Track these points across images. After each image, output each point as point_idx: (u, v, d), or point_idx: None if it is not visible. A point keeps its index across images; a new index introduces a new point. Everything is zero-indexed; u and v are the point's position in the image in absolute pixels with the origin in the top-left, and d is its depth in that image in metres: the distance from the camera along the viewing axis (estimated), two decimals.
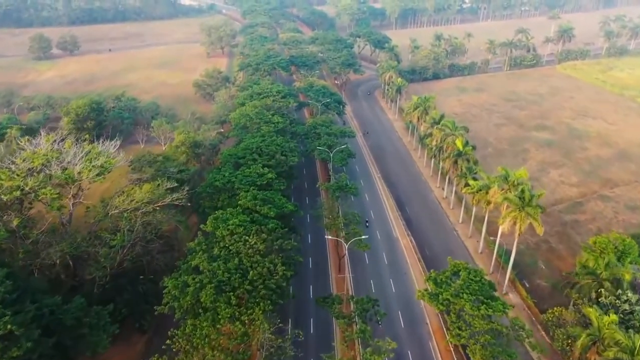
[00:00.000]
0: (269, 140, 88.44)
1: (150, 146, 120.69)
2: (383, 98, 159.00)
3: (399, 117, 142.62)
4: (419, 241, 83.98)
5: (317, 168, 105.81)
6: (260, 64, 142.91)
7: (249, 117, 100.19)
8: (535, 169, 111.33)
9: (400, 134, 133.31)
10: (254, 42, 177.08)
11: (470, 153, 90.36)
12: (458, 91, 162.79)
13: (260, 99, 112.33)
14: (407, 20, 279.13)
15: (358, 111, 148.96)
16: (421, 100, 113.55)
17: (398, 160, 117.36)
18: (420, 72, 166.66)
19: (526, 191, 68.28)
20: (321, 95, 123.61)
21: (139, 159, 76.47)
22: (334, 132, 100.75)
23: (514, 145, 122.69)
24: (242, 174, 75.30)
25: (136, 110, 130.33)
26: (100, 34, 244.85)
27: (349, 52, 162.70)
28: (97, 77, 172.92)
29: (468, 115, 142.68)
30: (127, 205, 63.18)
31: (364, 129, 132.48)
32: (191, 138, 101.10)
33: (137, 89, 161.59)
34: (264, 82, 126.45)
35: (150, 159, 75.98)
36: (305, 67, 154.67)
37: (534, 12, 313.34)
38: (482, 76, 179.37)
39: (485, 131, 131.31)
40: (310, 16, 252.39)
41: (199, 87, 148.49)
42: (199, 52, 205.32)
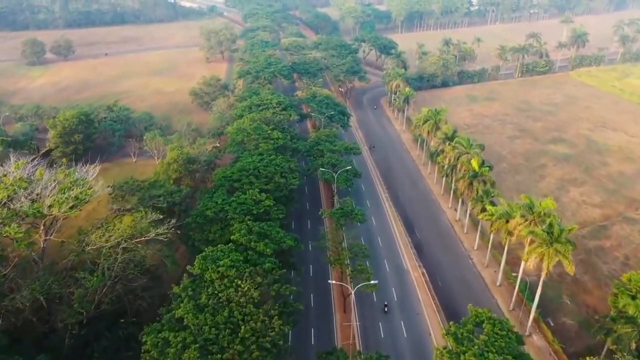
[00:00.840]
0: (268, 160, 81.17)
1: (143, 160, 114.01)
2: (389, 107, 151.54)
3: (406, 128, 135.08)
4: (431, 271, 76.54)
5: (320, 188, 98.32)
6: (261, 71, 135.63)
7: (247, 132, 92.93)
8: (553, 187, 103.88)
9: (408, 146, 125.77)
10: (254, 47, 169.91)
11: (487, 174, 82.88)
12: (468, 100, 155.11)
13: (260, 111, 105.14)
14: (413, 24, 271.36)
15: (363, 121, 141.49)
16: (431, 113, 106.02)
17: (406, 176, 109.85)
18: (429, 79, 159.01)
19: (555, 225, 60.69)
20: (324, 106, 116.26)
21: (121, 186, 69.04)
22: (338, 148, 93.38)
23: (530, 160, 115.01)
24: (236, 200, 68.00)
25: (129, 121, 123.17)
26: (97, 37, 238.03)
27: (353, 59, 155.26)
28: (91, 84, 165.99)
29: (480, 126, 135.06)
30: (104, 241, 55.88)
31: (370, 143, 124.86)
32: (184, 155, 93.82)
33: (132, 96, 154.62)
34: (264, 92, 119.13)
35: (134, 186, 68.56)
36: (307, 74, 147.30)
37: (543, 15, 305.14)
38: (493, 83, 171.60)
39: (498, 144, 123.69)
40: (314, 19, 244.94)
41: (196, 96, 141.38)
42: (198, 57, 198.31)
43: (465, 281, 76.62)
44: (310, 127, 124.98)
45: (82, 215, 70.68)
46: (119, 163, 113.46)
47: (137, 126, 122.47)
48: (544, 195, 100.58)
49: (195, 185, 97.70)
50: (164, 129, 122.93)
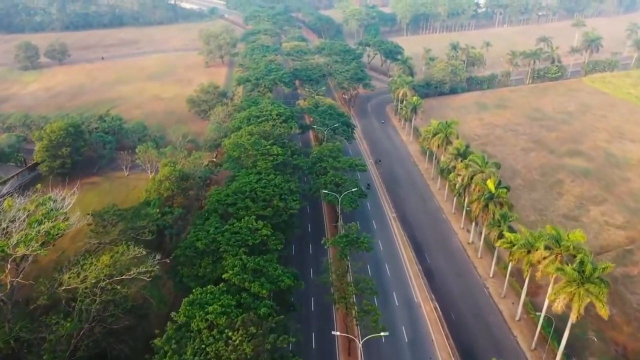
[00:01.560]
0: (266, 180, 74.81)
1: (135, 173, 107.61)
2: (395, 115, 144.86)
3: (414, 139, 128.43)
4: (443, 304, 69.91)
5: (323, 208, 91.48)
6: (260, 78, 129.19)
7: (244, 147, 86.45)
8: (572, 206, 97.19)
9: (416, 159, 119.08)
10: (254, 51, 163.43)
11: (504, 196, 76.18)
12: (478, 108, 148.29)
13: (258, 123, 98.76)
14: (419, 26, 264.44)
15: (368, 131, 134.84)
16: (441, 126, 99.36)
17: (415, 193, 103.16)
18: (436, 86, 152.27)
19: (587, 263, 53.99)
20: (327, 117, 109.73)
21: (102, 214, 62.47)
22: (342, 165, 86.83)
23: (545, 176, 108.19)
24: (230, 229, 61.58)
25: (122, 132, 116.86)
26: (95, 40, 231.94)
27: (357, 65, 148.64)
28: (85, 90, 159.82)
29: (491, 137, 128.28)
30: (79, 282, 49.47)
31: (376, 156, 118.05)
32: (177, 172, 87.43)
33: (127, 103, 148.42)
34: (264, 102, 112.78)
35: (116, 215, 62.01)
36: (310, 81, 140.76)
37: (552, 18, 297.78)
38: (503, 90, 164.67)
39: (511, 157, 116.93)
40: (317, 22, 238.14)
41: (193, 104, 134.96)
42: (197, 62, 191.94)
43: (481, 315, 69.97)
44: (313, 139, 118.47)
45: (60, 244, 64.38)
46: (109, 177, 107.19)
47: (129, 137, 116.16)
48: (562, 215, 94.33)
49: (188, 204, 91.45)
50: (158, 140, 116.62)
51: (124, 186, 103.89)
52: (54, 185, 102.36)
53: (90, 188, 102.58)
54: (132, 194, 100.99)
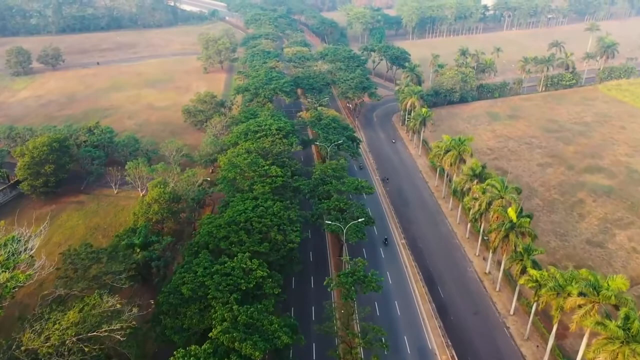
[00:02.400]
0: (263, 208, 67.53)
1: (125, 191, 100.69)
2: (402, 126, 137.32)
3: (422, 153, 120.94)
4: (461, 350, 62.43)
5: (327, 238, 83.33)
6: (260, 88, 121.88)
7: (240, 168, 79.16)
8: (596, 230, 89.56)
9: (425, 175, 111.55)
10: (255, 57, 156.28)
11: (527, 226, 68.76)
12: (489, 118, 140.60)
13: (257, 139, 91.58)
14: (425, 29, 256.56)
15: (374, 144, 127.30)
16: (455, 143, 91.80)
17: (425, 215, 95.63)
18: (446, 94, 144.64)
19: (634, 319, 46.47)
20: (331, 131, 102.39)
21: (73, 256, 55.06)
22: (347, 188, 79.34)
23: (565, 195, 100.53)
24: (221, 270, 54.30)
25: (112, 145, 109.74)
26: (90, 44, 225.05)
27: (362, 72, 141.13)
28: (77, 98, 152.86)
29: (505, 151, 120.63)
30: (42, 342, 42.28)
31: (382, 172, 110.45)
32: (167, 194, 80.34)
33: (120, 112, 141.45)
34: (263, 115, 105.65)
35: (88, 257, 54.59)
36: (312, 90, 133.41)
37: (562, 20, 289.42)
38: (515, 99, 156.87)
39: (527, 174, 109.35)
40: (320, 26, 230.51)
41: (188, 114, 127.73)
42: (195, 67, 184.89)
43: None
44: (316, 154, 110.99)
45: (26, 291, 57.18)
46: (97, 195, 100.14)
47: (120, 151, 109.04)
48: (586, 241, 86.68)
49: (179, 229, 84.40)
50: (150, 154, 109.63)
51: (112, 206, 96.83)
52: (37, 205, 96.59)
53: (76, 208, 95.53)
54: (120, 214, 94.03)
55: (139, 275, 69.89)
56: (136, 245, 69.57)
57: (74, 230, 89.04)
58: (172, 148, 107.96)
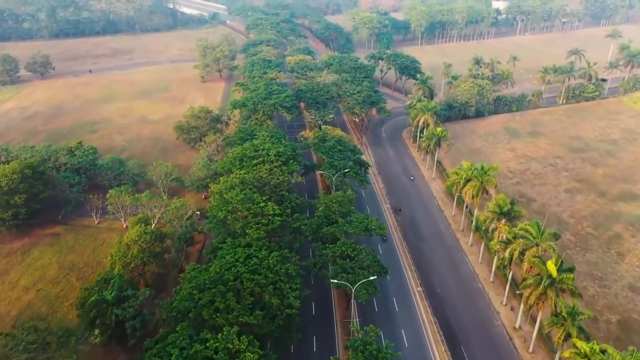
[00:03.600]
0: (257, 260, 57.01)
1: (107, 221, 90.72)
2: (413, 143, 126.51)
3: (437, 175, 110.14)
4: None
5: (332, 293, 72.06)
6: (259, 103, 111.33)
7: (232, 205, 68.63)
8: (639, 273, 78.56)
9: (441, 202, 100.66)
10: (255, 67, 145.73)
11: (570, 282, 57.97)
12: (508, 135, 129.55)
13: (253, 166, 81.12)
14: (435, 34, 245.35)
15: (383, 164, 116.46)
16: (477, 172, 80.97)
17: (442, 252, 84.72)
18: (460, 108, 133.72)
19: None
20: (337, 155, 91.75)
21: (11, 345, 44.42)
22: (356, 230, 68.65)
23: (599, 228, 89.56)
24: (201, 354, 43.79)
25: (95, 168, 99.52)
26: (84, 50, 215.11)
27: (370, 85, 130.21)
28: (65, 110, 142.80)
29: (528, 174, 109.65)
30: None
31: (393, 200, 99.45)
32: (149, 235, 69.97)
33: (109, 127, 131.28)
34: (261, 135, 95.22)
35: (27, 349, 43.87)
36: (316, 105, 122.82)
37: (577, 24, 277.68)
38: (535, 113, 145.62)
39: (554, 202, 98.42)
40: (325, 31, 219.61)
41: (181, 131, 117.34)
42: (192, 75, 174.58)
43: None
44: (320, 182, 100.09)
45: None
46: (76, 226, 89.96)
47: (103, 175, 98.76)
48: (629, 287, 75.69)
49: (163, 273, 73.95)
50: (136, 178, 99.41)
51: (91, 239, 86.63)
52: (6, 239, 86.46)
53: (51, 242, 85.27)
54: (99, 250, 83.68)
55: (112, 336, 59.78)
56: (108, 302, 59.35)
57: (45, 270, 78.85)
58: (161, 172, 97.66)
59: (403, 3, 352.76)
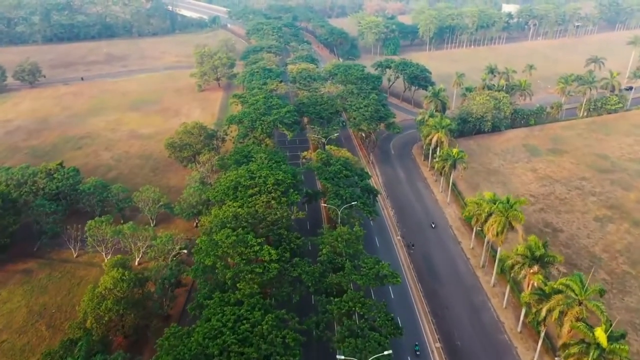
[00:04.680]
0: (248, 325, 47.56)
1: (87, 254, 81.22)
2: (425, 161, 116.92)
3: (452, 199, 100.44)
4: None
5: None
6: (257, 120, 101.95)
7: (222, 249, 59.22)
8: None
9: (457, 231, 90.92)
10: (254, 77, 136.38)
11: (624, 355, 48.21)
12: (528, 153, 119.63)
13: (248, 198, 71.79)
14: (443, 39, 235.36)
15: (392, 187, 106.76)
16: (502, 206, 71.21)
17: (460, 293, 74.88)
18: (475, 123, 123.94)
19: None
20: (342, 181, 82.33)
21: None
22: (366, 280, 59.02)
23: (637, 265, 79.78)
24: None
25: (76, 192, 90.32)
26: (78, 55, 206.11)
27: (378, 98, 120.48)
28: (50, 123, 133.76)
29: (552, 198, 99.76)
30: None
31: (405, 231, 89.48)
32: (126, 283, 60.67)
33: (96, 142, 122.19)
34: (259, 157, 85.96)
35: None
36: (320, 120, 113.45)
37: (591, 29, 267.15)
38: (555, 127, 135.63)
39: (584, 232, 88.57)
40: (329, 36, 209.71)
41: (173, 149, 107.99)
42: (189, 83, 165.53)
43: None
44: (324, 214, 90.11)
45: None
46: (52, 261, 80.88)
47: (85, 201, 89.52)
48: None
49: (144, 325, 64.46)
50: (121, 204, 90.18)
51: (67, 277, 77.48)
52: None
53: (22, 280, 76.07)
54: (76, 291, 74.45)
55: None
56: None
57: (13, 315, 69.71)
58: (148, 197, 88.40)
59: (410, 6, 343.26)
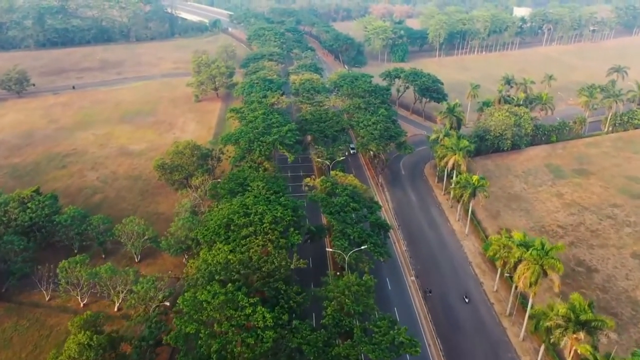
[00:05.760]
0: None
1: (61, 297, 71.37)
2: (438, 183, 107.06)
3: (470, 230, 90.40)
4: None
5: None
6: (255, 141, 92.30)
7: (207, 312, 49.59)
8: None
9: (478, 269, 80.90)
10: (254, 89, 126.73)
11: None
12: (551, 174, 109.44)
13: (241, 240, 62.21)
14: (453, 45, 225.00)
15: (404, 214, 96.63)
16: (536, 253, 61.21)
17: (486, 352, 64.95)
18: (493, 141, 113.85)
19: None
20: (349, 216, 72.61)
21: None
22: (379, 348, 49.22)
23: None
24: None
25: (52, 224, 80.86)
26: (71, 62, 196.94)
27: (388, 114, 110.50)
28: (35, 138, 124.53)
29: (582, 230, 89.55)
30: None
31: (421, 275, 79.11)
32: (94, 351, 51.11)
33: (82, 160, 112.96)
34: (255, 187, 76.38)
35: None
36: (324, 138, 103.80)
37: (608, 33, 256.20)
38: (578, 144, 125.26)
39: (621, 273, 78.42)
40: (334, 42, 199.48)
41: (163, 171, 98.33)
42: (185, 93, 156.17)
43: None
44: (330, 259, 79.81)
45: None
46: (21, 304, 71.70)
47: (62, 234, 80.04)
48: None
49: None
50: (103, 238, 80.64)
51: (36, 326, 68.14)
52: None
53: None
54: (45, 345, 65.10)
55: None
56: None
57: None
58: (132, 230, 78.89)
59: (417, 9, 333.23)
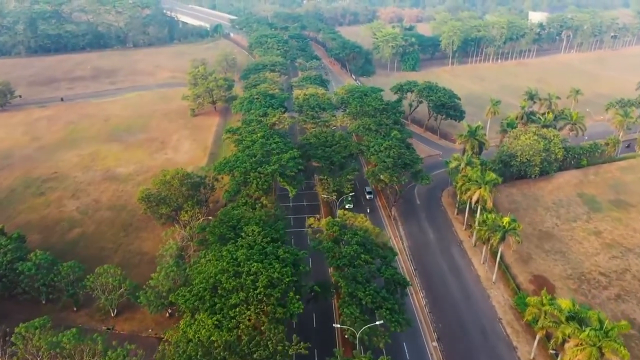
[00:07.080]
0: None
1: None
2: (457, 215, 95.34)
3: (498, 277, 78.51)
4: None
5: None
6: (251, 171, 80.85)
7: None
8: None
9: (510, 329, 69.02)
10: (253, 104, 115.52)
11: None
12: (586, 206, 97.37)
13: (228, 311, 50.99)
14: (467, 52, 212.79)
15: (421, 255, 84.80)
16: (595, 334, 49.40)
17: None
18: (520, 168, 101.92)
19: None
20: (360, 272, 61.02)
21: None
22: None
23: None
24: None
25: (16, 272, 69.76)
26: (63, 70, 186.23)
27: (402, 137, 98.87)
28: (13, 159, 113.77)
29: (628, 278, 77.56)
30: None
31: (443, 337, 67.53)
32: None
33: (62, 187, 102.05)
34: (250, 231, 65.28)
35: None
36: (331, 166, 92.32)
37: (630, 40, 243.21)
38: (612, 169, 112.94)
39: None
40: (341, 51, 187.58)
41: (149, 203, 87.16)
42: (181, 106, 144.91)
43: None
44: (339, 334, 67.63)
45: None
46: None
47: (25, 284, 68.95)
48: None
49: None
50: (73, 290, 69.52)
51: None
52: None
53: None
54: None
55: None
56: None
57: None
58: (106, 282, 67.70)
59: (427, 12, 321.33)
